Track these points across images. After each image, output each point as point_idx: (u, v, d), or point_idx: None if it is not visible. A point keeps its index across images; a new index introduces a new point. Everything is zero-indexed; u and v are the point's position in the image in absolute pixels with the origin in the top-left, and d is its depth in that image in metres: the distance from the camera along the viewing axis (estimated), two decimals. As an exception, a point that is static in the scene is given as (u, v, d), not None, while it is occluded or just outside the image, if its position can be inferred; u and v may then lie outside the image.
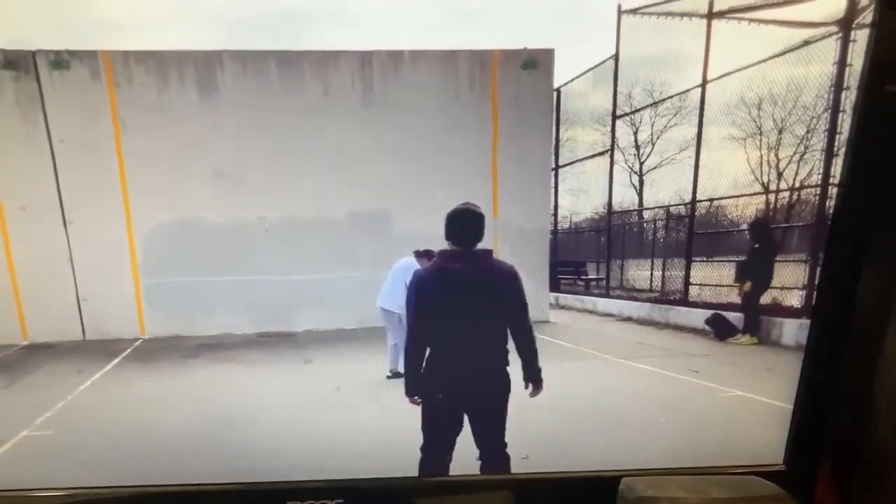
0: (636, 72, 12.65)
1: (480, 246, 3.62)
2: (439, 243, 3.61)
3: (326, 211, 10.25)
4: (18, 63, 9.79)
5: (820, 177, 8.93)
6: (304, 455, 4.97)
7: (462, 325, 3.55)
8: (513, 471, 3.80)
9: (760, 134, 11.39)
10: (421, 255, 7.04)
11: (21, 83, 9.81)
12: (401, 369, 7.25)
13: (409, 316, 3.60)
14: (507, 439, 3.77)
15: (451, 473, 3.56)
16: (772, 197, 11.37)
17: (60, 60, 9.86)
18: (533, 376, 3.75)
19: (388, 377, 7.22)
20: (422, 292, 3.56)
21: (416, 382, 3.68)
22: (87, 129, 9.97)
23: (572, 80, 14.12)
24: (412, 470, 3.64)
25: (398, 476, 2.63)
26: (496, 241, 11.00)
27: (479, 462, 3.67)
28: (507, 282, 3.57)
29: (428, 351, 3.61)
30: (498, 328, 3.62)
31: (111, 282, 10.26)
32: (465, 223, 3.54)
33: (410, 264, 7.10)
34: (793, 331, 8.57)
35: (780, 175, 11.79)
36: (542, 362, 3.78)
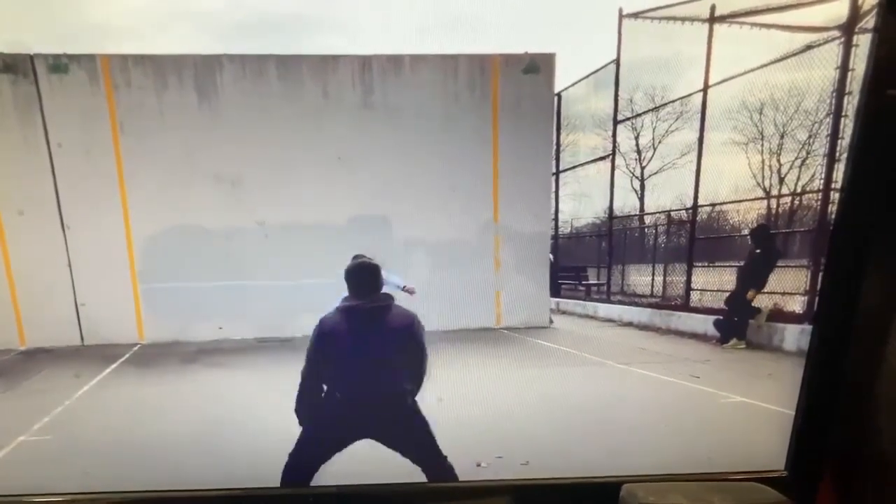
0: (638, 76, 12.66)
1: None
2: (438, 248, 3.63)
3: (327, 215, 10.23)
4: (16, 66, 9.79)
5: (822, 182, 8.92)
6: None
7: (364, 370, 3.66)
8: (513, 477, 3.79)
9: (762, 139, 11.39)
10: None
11: (19, 87, 9.80)
12: None
13: (307, 360, 3.69)
14: (503, 444, 3.76)
15: (450, 479, 3.55)
16: (774, 202, 11.36)
17: (58, 64, 9.85)
18: None
19: None
20: (324, 340, 3.65)
21: (309, 415, 3.81)
22: (86, 132, 9.96)
23: (573, 84, 14.14)
24: (414, 475, 3.63)
25: (400, 482, 2.62)
26: (497, 245, 11.01)
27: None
28: (405, 330, 3.67)
29: (336, 394, 3.72)
30: (399, 372, 3.69)
31: (110, 286, 10.24)
32: (361, 278, 3.69)
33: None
34: (794, 336, 8.55)
35: (781, 180, 11.80)
36: (544, 367, 3.79)
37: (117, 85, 9.98)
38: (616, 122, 13.08)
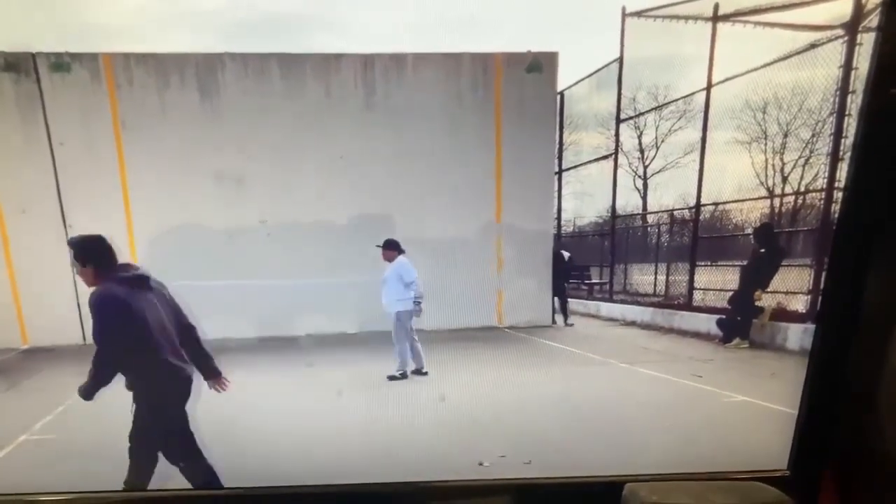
0: (641, 75, 12.64)
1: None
2: (441, 247, 3.61)
3: (329, 214, 10.24)
4: (19, 65, 9.80)
5: (825, 181, 8.89)
6: (306, 459, 4.96)
7: (156, 335, 3.67)
8: (516, 475, 3.78)
9: (766, 138, 11.36)
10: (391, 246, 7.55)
11: (21, 85, 9.81)
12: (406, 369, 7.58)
13: (103, 344, 3.60)
14: (505, 443, 3.76)
15: (453, 478, 3.55)
16: (777, 201, 11.34)
17: (61, 63, 9.86)
18: (214, 371, 4.06)
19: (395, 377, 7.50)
20: (111, 315, 3.58)
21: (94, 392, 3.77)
22: (88, 131, 9.98)
23: (576, 83, 14.10)
24: (414, 474, 3.62)
25: (400, 481, 2.62)
26: (499, 244, 11.00)
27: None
28: (168, 295, 3.80)
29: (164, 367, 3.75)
30: (176, 331, 3.78)
31: (112, 285, 10.22)
32: (94, 247, 3.65)
33: (404, 263, 7.38)
34: (797, 336, 8.54)
35: (785, 179, 11.77)
36: (546, 366, 3.79)
37: (119, 84, 9.98)
38: (619, 121, 13.05)
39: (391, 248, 7.61)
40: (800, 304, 9.12)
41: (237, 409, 6.52)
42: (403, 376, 7.55)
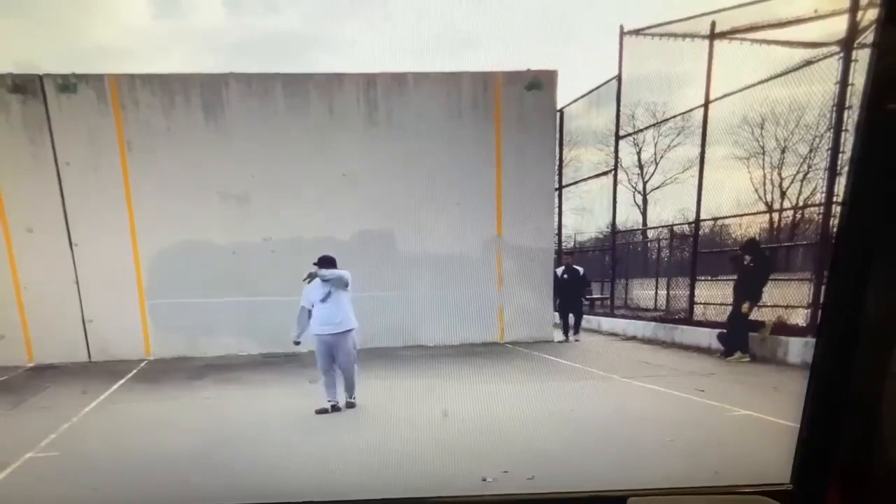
0: (639, 92, 12.69)
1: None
2: (442, 263, 3.62)
3: (332, 231, 10.26)
4: (26, 87, 9.88)
5: (823, 195, 8.92)
6: (309, 475, 4.95)
7: None
8: (519, 491, 3.78)
9: (764, 153, 11.41)
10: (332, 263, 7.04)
11: (28, 106, 9.89)
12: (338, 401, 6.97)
13: None
14: (508, 458, 3.76)
15: (456, 494, 3.55)
16: (776, 215, 11.37)
17: (67, 84, 9.94)
18: None
19: (326, 411, 6.88)
20: None
21: None
22: (94, 151, 10.06)
23: (575, 100, 14.17)
24: (417, 490, 3.63)
25: (402, 496, 2.63)
26: (500, 260, 11.02)
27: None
28: None
29: None
30: None
31: (117, 303, 10.29)
32: None
33: (339, 274, 7.02)
34: (798, 349, 8.54)
35: (783, 194, 11.81)
36: (548, 381, 3.79)
37: (125, 104, 10.06)
38: (618, 138, 13.10)
39: (333, 266, 7.11)
40: (800, 317, 9.13)
41: (240, 426, 6.54)
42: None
